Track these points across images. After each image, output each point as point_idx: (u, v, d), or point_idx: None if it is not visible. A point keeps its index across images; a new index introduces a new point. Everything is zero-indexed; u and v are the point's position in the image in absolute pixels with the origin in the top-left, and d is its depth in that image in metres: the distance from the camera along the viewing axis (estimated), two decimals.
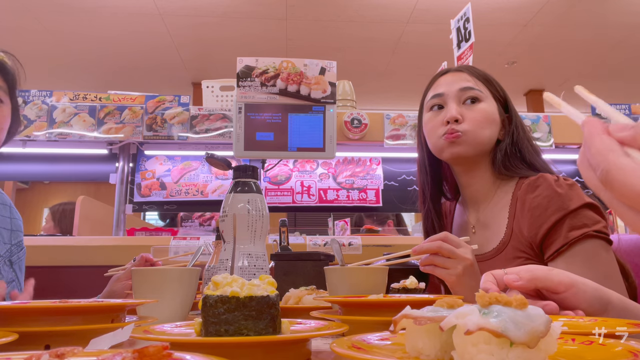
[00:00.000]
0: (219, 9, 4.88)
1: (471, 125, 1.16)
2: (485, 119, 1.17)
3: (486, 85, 1.22)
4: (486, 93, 1.21)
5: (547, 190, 1.06)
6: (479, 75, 1.23)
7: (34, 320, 0.59)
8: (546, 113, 2.70)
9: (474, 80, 1.21)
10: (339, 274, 0.86)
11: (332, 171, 2.90)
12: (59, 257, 2.02)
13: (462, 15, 2.07)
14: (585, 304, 0.70)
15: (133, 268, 0.86)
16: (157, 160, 2.79)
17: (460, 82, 1.21)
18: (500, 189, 1.20)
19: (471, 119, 1.17)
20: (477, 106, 1.18)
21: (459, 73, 1.24)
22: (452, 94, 1.20)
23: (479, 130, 1.17)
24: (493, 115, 1.19)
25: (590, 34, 5.36)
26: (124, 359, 0.31)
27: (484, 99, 1.19)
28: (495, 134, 1.20)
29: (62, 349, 0.33)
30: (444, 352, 0.39)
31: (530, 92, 6.77)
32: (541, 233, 1.04)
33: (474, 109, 1.18)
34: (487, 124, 1.18)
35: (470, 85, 1.20)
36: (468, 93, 1.19)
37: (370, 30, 5.30)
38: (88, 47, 5.55)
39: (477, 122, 1.17)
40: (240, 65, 1.98)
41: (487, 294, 0.38)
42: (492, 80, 1.25)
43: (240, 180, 1.06)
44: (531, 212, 1.07)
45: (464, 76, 1.22)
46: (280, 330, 0.54)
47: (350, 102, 2.68)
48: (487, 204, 1.22)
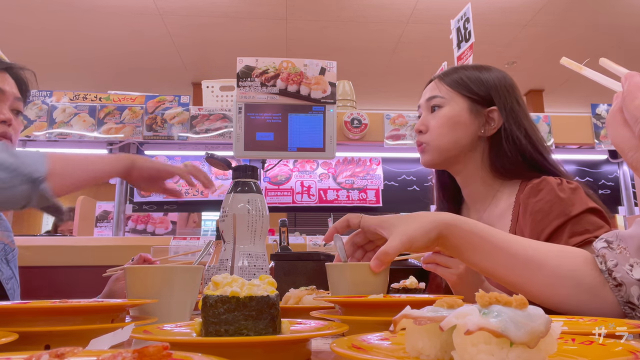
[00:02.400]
0: (219, 9, 4.89)
1: (430, 134, 1.22)
2: (445, 124, 1.20)
3: (454, 88, 1.22)
4: (450, 96, 1.21)
5: (549, 194, 1.05)
6: (451, 79, 1.23)
7: (34, 320, 0.59)
8: (546, 113, 2.70)
9: (439, 87, 1.24)
10: (340, 271, 0.86)
11: (332, 171, 2.90)
12: (59, 257, 2.02)
13: (462, 15, 2.07)
14: None
15: (127, 266, 0.85)
16: (157, 160, 2.79)
17: (428, 92, 1.26)
18: (501, 191, 1.20)
19: (432, 127, 1.22)
20: (438, 113, 1.22)
21: (433, 82, 1.28)
22: (423, 106, 1.27)
23: (438, 137, 1.21)
24: (456, 117, 1.19)
25: (590, 34, 5.36)
26: (124, 359, 0.31)
27: (446, 103, 1.21)
28: (463, 135, 1.19)
29: (62, 349, 0.33)
30: (444, 352, 0.40)
31: (530, 92, 6.78)
32: (542, 238, 1.02)
33: (435, 117, 1.22)
34: (447, 128, 1.20)
35: (434, 93, 1.24)
36: (431, 102, 1.24)
37: (370, 30, 5.30)
38: (88, 47, 5.55)
39: (436, 130, 1.21)
40: (240, 66, 1.98)
41: (487, 294, 0.38)
42: (468, 78, 1.22)
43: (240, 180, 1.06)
44: (533, 217, 1.06)
45: (433, 84, 1.27)
46: (280, 330, 0.54)
47: (350, 102, 2.68)
48: (487, 206, 1.21)
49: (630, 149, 0.39)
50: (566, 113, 6.68)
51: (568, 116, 2.78)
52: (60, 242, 2.14)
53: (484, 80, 1.22)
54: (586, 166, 2.89)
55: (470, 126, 1.19)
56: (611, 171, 2.90)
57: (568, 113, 6.76)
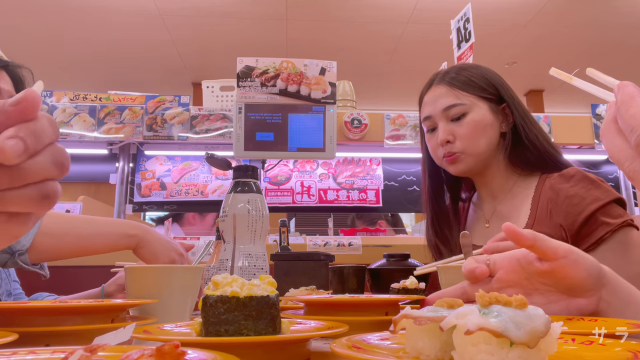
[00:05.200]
0: (219, 9, 4.88)
1: (464, 142, 1.18)
2: (476, 130, 1.18)
3: (470, 91, 1.20)
4: (470, 100, 1.20)
5: (584, 180, 1.09)
6: (462, 82, 1.21)
7: (34, 320, 0.59)
8: (546, 113, 2.70)
9: (454, 93, 1.20)
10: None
11: (332, 171, 2.90)
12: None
13: (462, 15, 2.07)
14: (585, 273, 0.61)
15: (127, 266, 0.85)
16: (157, 160, 2.79)
17: (443, 100, 1.21)
18: (518, 184, 1.22)
19: (463, 136, 1.18)
20: (465, 120, 1.19)
21: (440, 86, 1.23)
22: (438, 115, 1.22)
23: (474, 143, 1.18)
24: (484, 120, 1.19)
25: (590, 34, 5.36)
26: (142, 355, 0.32)
27: (470, 109, 1.19)
28: (493, 136, 1.20)
29: (95, 344, 0.34)
30: (444, 352, 0.40)
31: (530, 92, 6.77)
32: (580, 220, 1.05)
33: (463, 125, 1.19)
34: (480, 133, 1.19)
35: (452, 101, 1.20)
36: (452, 111, 1.20)
37: (370, 30, 5.30)
38: (88, 47, 5.55)
39: (469, 138, 1.18)
40: (240, 66, 1.98)
41: (487, 294, 0.38)
42: (477, 79, 1.22)
43: (240, 181, 1.07)
44: (569, 200, 1.08)
45: (445, 90, 1.22)
46: (280, 330, 0.54)
47: (350, 102, 2.68)
48: (504, 196, 1.23)
49: (627, 158, 0.38)
50: (566, 113, 6.68)
51: (568, 116, 2.78)
52: None
53: (488, 78, 1.24)
54: (586, 166, 2.88)
55: (494, 126, 1.21)
56: (611, 171, 2.90)
57: (568, 113, 6.76)
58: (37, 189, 0.35)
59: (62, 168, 0.36)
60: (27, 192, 0.35)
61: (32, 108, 0.34)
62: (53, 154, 0.35)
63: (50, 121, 0.35)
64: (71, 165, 0.38)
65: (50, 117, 0.36)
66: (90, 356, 0.33)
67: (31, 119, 0.34)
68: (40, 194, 0.35)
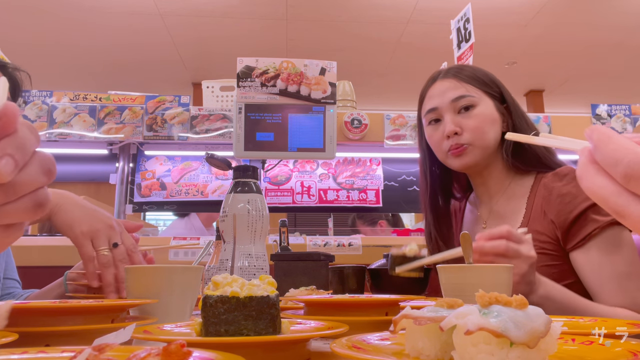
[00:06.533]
0: (219, 9, 4.88)
1: (473, 134, 1.17)
2: (484, 123, 1.18)
3: (477, 86, 1.21)
4: (479, 94, 1.20)
5: (576, 179, 1.08)
6: (468, 76, 1.22)
7: (34, 320, 0.59)
8: (546, 113, 2.70)
9: (463, 86, 1.20)
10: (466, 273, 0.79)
11: (332, 171, 2.90)
12: (58, 257, 2.01)
13: (462, 15, 2.07)
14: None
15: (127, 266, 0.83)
16: (157, 160, 2.79)
17: (451, 92, 1.20)
18: (514, 184, 1.22)
19: (471, 128, 1.17)
20: (473, 112, 1.18)
21: (447, 80, 1.23)
22: (445, 106, 1.20)
23: (482, 136, 1.17)
24: (491, 115, 1.19)
25: (590, 34, 5.36)
26: (149, 354, 0.32)
27: (478, 102, 1.19)
28: (498, 132, 1.20)
29: (103, 344, 0.34)
30: (444, 352, 0.40)
31: (530, 93, 6.77)
32: (571, 218, 1.06)
33: (471, 116, 1.18)
34: (488, 126, 1.18)
35: (461, 93, 1.19)
36: (461, 102, 1.18)
37: (370, 30, 5.30)
38: (88, 47, 5.55)
39: (478, 129, 1.17)
40: (240, 66, 1.98)
41: (487, 294, 0.38)
42: (482, 76, 1.23)
43: (240, 181, 1.07)
44: (561, 199, 1.08)
45: (453, 83, 1.21)
46: (280, 330, 0.54)
47: (351, 102, 2.68)
48: (500, 196, 1.23)
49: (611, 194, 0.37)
50: (566, 113, 6.69)
51: (568, 116, 2.78)
52: (60, 242, 2.14)
53: (491, 77, 1.25)
54: None
55: (499, 123, 1.21)
56: None
57: (568, 113, 6.77)
58: (30, 199, 0.36)
59: (49, 175, 0.37)
60: (22, 203, 0.36)
61: (12, 122, 0.34)
62: (40, 163, 0.36)
63: (30, 128, 0.36)
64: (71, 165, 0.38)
65: (29, 123, 0.36)
66: (98, 355, 0.33)
67: (13, 132, 0.34)
68: (34, 203, 0.37)
